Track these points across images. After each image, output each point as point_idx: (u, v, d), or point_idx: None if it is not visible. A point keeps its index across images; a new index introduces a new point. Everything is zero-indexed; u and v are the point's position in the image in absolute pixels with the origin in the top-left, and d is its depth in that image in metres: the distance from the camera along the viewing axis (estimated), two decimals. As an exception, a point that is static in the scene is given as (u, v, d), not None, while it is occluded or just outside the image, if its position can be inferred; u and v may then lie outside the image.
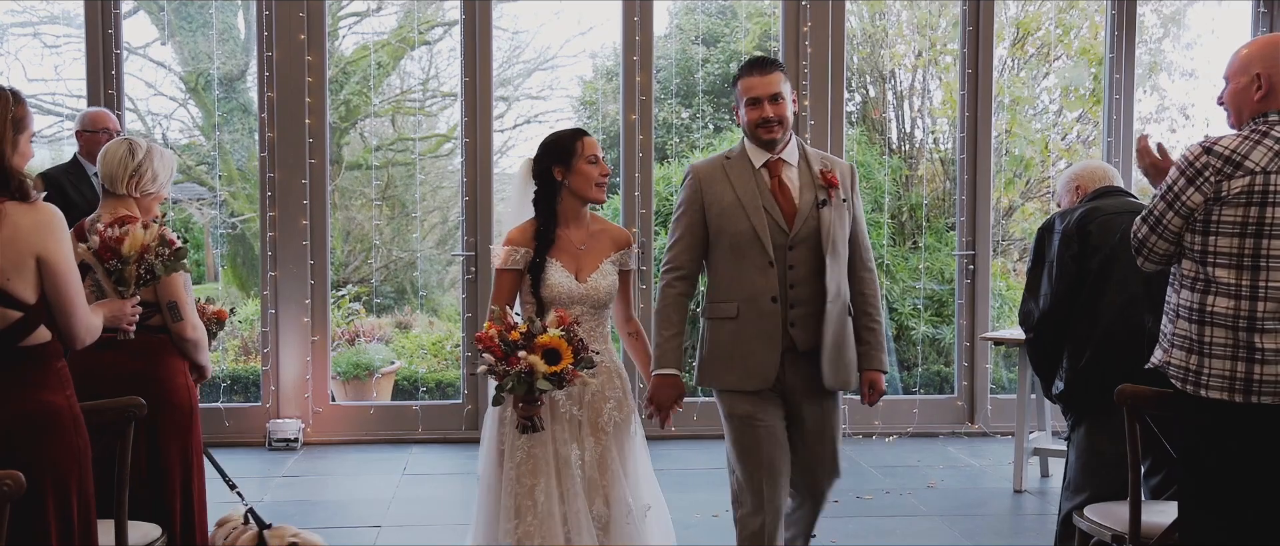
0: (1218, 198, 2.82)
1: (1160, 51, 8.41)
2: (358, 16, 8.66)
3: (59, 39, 7.95)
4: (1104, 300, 3.63)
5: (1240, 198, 2.79)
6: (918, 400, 7.11)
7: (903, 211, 8.01)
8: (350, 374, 7.48)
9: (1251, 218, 2.79)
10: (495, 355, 3.08)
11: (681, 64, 7.51)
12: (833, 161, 3.50)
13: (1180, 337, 2.93)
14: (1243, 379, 2.82)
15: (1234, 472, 2.88)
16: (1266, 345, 2.80)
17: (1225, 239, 2.82)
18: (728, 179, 3.41)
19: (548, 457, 3.27)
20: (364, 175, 8.30)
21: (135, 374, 3.36)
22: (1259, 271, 2.80)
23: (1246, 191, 2.79)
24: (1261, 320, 2.80)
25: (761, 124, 3.37)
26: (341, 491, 5.74)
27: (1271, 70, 2.86)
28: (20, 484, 2.43)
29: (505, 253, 3.33)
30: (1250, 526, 2.87)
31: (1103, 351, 3.60)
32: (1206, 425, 2.90)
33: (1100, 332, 3.61)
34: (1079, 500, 3.64)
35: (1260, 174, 2.78)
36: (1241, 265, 2.81)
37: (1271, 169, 2.78)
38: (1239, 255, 2.81)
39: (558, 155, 3.34)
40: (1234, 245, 2.81)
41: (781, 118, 3.37)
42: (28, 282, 2.69)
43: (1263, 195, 2.78)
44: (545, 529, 3.22)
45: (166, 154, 3.59)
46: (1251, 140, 2.83)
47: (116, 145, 3.53)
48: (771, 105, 3.36)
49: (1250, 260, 2.81)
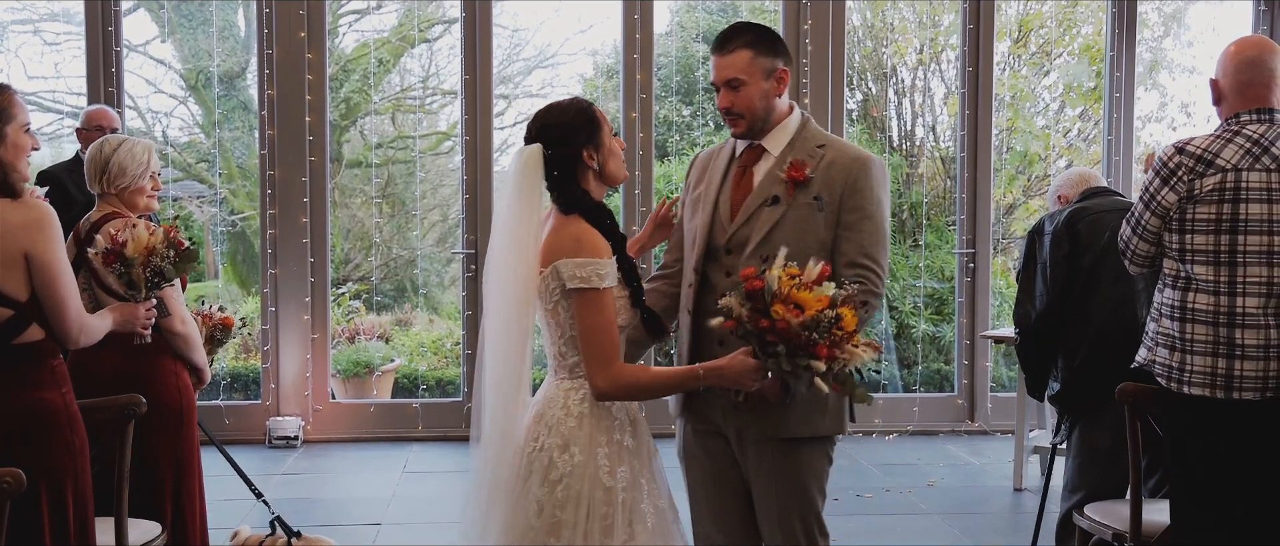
0: (1191, 196, 2.88)
1: (1161, 49, 8.40)
2: (358, 14, 8.65)
3: (59, 36, 7.95)
4: (1096, 298, 3.64)
5: (1213, 194, 2.86)
6: (918, 398, 7.11)
7: (903, 209, 8.01)
8: (350, 372, 7.48)
9: (1224, 214, 2.85)
10: (796, 339, 2.33)
11: (682, 62, 7.50)
12: (831, 151, 2.75)
13: (1163, 335, 2.98)
14: (1223, 375, 2.85)
15: (1219, 468, 2.90)
16: (1247, 340, 2.83)
17: (1201, 236, 2.88)
18: (707, 168, 2.92)
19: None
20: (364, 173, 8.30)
21: (123, 373, 3.32)
22: (1236, 267, 2.85)
23: (1218, 188, 2.85)
24: (1241, 315, 2.84)
25: (724, 115, 2.81)
26: (341, 489, 5.73)
27: (1224, 78, 2.97)
28: (20, 481, 2.42)
29: (605, 266, 2.48)
30: (1240, 522, 2.89)
31: (1096, 350, 3.61)
32: (1190, 422, 2.92)
33: (1093, 331, 3.62)
34: (1076, 499, 3.65)
35: (1231, 171, 2.85)
36: (1218, 261, 2.87)
37: (1242, 166, 2.85)
38: (1215, 251, 2.87)
39: (587, 133, 2.54)
40: (1210, 242, 2.87)
41: (742, 109, 2.73)
42: (18, 280, 2.68)
43: (1234, 192, 2.84)
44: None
45: (137, 146, 3.51)
46: (1223, 139, 2.91)
47: (93, 146, 3.52)
48: (728, 92, 2.74)
49: (1227, 256, 2.86)
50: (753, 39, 2.73)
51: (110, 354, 3.27)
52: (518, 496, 2.47)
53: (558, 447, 2.47)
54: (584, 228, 2.51)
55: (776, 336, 2.33)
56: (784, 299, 2.34)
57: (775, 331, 2.33)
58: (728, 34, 2.77)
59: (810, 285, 2.37)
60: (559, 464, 2.46)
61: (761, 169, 2.79)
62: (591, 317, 2.45)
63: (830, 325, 2.33)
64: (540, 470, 2.47)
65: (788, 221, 2.70)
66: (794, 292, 2.34)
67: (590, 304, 2.45)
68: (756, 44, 2.72)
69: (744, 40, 2.73)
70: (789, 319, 2.32)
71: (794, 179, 2.71)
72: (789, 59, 2.80)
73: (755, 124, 2.77)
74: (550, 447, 2.47)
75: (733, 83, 2.72)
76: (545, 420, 2.51)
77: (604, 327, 2.46)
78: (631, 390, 2.50)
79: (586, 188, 2.55)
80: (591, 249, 2.47)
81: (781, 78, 2.75)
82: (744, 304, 2.37)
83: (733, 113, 2.75)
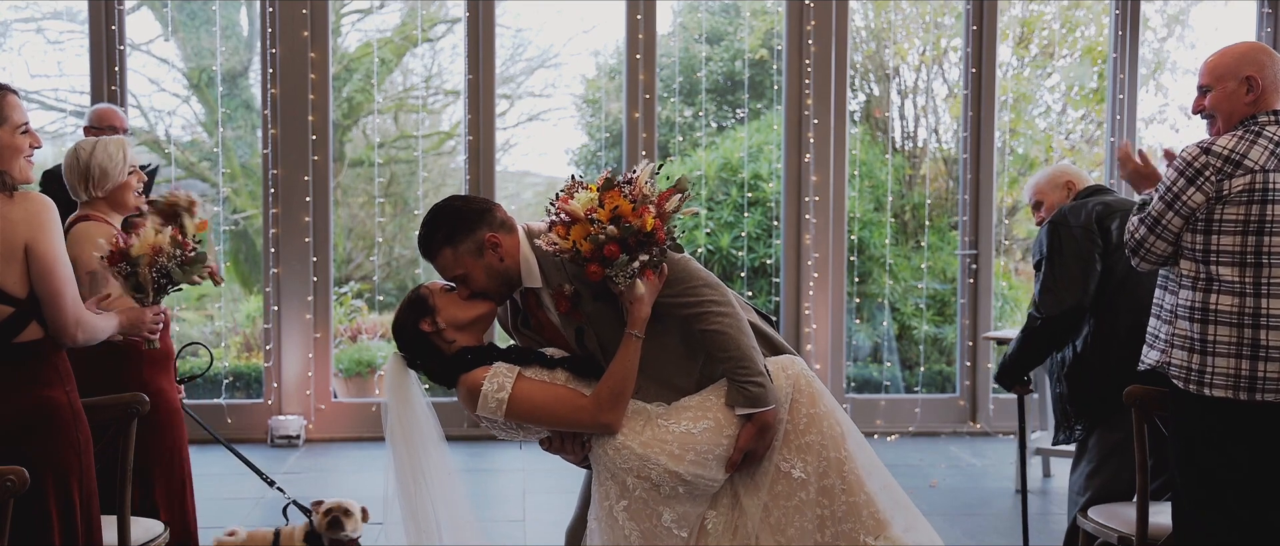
0: (1219, 196, 2.87)
1: (1164, 51, 8.39)
2: (361, 13, 8.65)
3: (62, 35, 7.94)
4: (1124, 298, 3.60)
5: (1242, 195, 2.85)
6: (919, 399, 7.11)
7: (905, 210, 8.00)
8: (352, 371, 7.47)
9: (1253, 215, 2.84)
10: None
11: (685, 62, 7.49)
12: (564, 253, 2.61)
13: (1180, 337, 2.96)
14: (1247, 377, 2.84)
15: (1234, 471, 2.89)
16: (1271, 341, 2.82)
17: (1228, 237, 2.86)
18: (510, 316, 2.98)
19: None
20: (366, 172, 8.29)
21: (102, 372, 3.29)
22: (1262, 268, 2.84)
23: (1248, 189, 2.84)
24: (1266, 317, 2.83)
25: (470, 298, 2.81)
26: (344, 488, 5.72)
27: (1261, 74, 2.94)
28: (24, 479, 2.42)
29: (493, 383, 2.71)
30: (1245, 525, 2.89)
31: (1128, 350, 3.54)
32: (1210, 424, 2.91)
33: (1125, 331, 3.58)
34: (1090, 492, 3.61)
35: (1260, 172, 2.84)
36: (1244, 262, 2.85)
37: (1269, 167, 2.85)
38: (1242, 252, 2.85)
39: (419, 310, 2.77)
40: (1237, 243, 2.85)
41: (479, 289, 2.73)
42: (17, 276, 2.66)
43: (1263, 193, 2.84)
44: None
45: (109, 143, 3.45)
46: (1247, 140, 2.90)
47: (67, 156, 3.48)
48: (464, 287, 2.75)
49: (1253, 257, 2.85)
50: (446, 234, 2.71)
51: (85, 351, 3.13)
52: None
53: (636, 475, 2.63)
54: (467, 378, 2.68)
55: (618, 234, 2.52)
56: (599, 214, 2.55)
57: (618, 232, 2.52)
58: (423, 240, 2.76)
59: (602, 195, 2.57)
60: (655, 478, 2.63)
61: (547, 309, 2.81)
62: (536, 409, 2.65)
63: (645, 200, 2.56)
64: (650, 501, 2.63)
65: (602, 326, 2.71)
66: (606, 201, 2.55)
67: (522, 405, 2.64)
68: (452, 236, 2.71)
69: (439, 244, 2.71)
70: (625, 214, 2.52)
71: (558, 304, 2.73)
72: (489, 220, 2.73)
73: (502, 291, 2.77)
74: (634, 487, 2.63)
75: (461, 279, 2.73)
76: (615, 474, 2.66)
77: (551, 402, 2.65)
78: (619, 399, 2.63)
79: (444, 348, 2.72)
80: (478, 386, 2.64)
81: (494, 244, 2.70)
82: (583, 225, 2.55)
83: (476, 295, 2.75)
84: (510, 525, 5.00)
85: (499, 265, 2.72)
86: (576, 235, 2.56)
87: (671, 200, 2.62)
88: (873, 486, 2.68)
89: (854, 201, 7.33)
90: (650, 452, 2.61)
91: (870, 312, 7.78)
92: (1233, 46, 3.07)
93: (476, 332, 2.77)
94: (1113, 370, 3.57)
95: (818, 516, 2.64)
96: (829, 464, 2.66)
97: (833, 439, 2.68)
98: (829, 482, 2.65)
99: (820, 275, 6.88)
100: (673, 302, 2.66)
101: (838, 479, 2.65)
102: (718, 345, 2.63)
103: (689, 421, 2.63)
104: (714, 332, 2.62)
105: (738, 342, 2.62)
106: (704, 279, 2.69)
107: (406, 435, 2.80)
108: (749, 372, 2.61)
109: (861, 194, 7.62)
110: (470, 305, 2.74)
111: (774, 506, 2.66)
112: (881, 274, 7.50)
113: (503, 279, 2.74)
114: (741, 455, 2.62)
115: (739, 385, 2.62)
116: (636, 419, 2.66)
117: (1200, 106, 3.08)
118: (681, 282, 2.67)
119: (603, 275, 2.56)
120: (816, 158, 6.85)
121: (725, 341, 2.62)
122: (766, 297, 7.17)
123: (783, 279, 6.95)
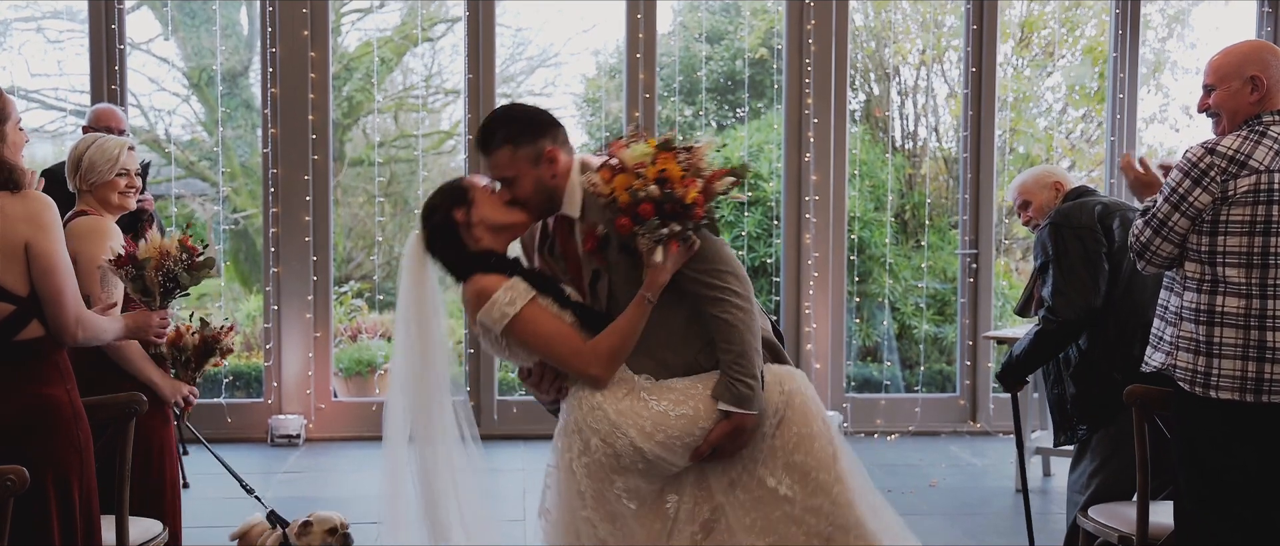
0: (1225, 197, 2.84)
1: (1164, 51, 8.38)
2: (361, 13, 8.64)
3: (62, 34, 7.94)
4: (1133, 299, 3.60)
5: (1248, 196, 2.82)
6: (919, 399, 7.10)
7: (906, 210, 8.00)
8: (352, 370, 7.47)
9: (1259, 216, 2.82)
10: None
11: (685, 61, 7.49)
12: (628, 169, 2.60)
13: (1185, 340, 2.93)
14: (1254, 378, 2.82)
15: (1239, 472, 2.88)
16: (1278, 343, 2.80)
17: (1234, 238, 2.84)
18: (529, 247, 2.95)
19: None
20: (366, 171, 8.28)
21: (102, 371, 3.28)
22: (1269, 268, 2.82)
23: (1253, 190, 2.82)
24: (1273, 318, 2.81)
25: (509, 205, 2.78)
26: (344, 488, 5.72)
27: (1265, 73, 2.93)
28: (24, 479, 2.42)
29: (504, 294, 2.70)
30: (1249, 526, 2.87)
31: (1134, 351, 3.53)
32: (1216, 427, 2.89)
33: (1130, 331, 3.57)
34: (1091, 491, 3.60)
35: (1265, 173, 2.82)
36: (1251, 263, 2.83)
37: (1275, 167, 2.82)
38: (1248, 253, 2.83)
39: (456, 194, 2.78)
40: (1243, 244, 2.83)
41: (522, 198, 2.70)
42: (18, 274, 2.67)
43: (1269, 193, 2.82)
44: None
45: (109, 142, 3.47)
46: (1251, 140, 2.87)
47: (73, 146, 3.51)
48: (508, 190, 2.71)
49: (1259, 258, 2.83)
50: (511, 133, 2.68)
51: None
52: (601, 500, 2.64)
53: (601, 438, 2.61)
54: (483, 279, 2.66)
55: (658, 195, 2.51)
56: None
57: (659, 194, 2.50)
58: (481, 132, 2.74)
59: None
60: (618, 448, 2.61)
61: (576, 240, 2.76)
62: (536, 337, 2.63)
63: (696, 172, 2.56)
64: (608, 466, 2.62)
65: (621, 293, 2.67)
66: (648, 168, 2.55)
67: (525, 327, 2.61)
68: (516, 136, 2.67)
69: (504, 136, 2.68)
70: (672, 177, 2.51)
71: (587, 245, 2.69)
72: (554, 134, 2.71)
73: (541, 208, 2.74)
74: (597, 449, 2.61)
75: (510, 181, 2.69)
76: (582, 430, 2.64)
77: (553, 335, 2.63)
78: (618, 355, 2.62)
79: (470, 244, 2.68)
80: (489, 292, 2.62)
81: (552, 158, 2.67)
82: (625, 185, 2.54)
83: (516, 202, 2.72)
84: (510, 525, 5.00)
85: (549, 181, 2.68)
86: (619, 184, 2.56)
87: (723, 181, 2.60)
88: (862, 509, 2.69)
89: (854, 201, 7.33)
90: (622, 422, 2.60)
91: (870, 312, 7.78)
92: (1238, 45, 3.05)
93: (503, 240, 2.73)
94: (1118, 370, 3.57)
95: (804, 533, 2.65)
96: (818, 485, 2.66)
97: (822, 461, 2.68)
98: (817, 503, 2.66)
99: (820, 274, 6.88)
100: (695, 278, 2.63)
101: (826, 500, 2.66)
102: (724, 335, 2.62)
103: (669, 404, 2.62)
104: (724, 321, 2.61)
105: (743, 339, 2.61)
106: (733, 268, 2.67)
107: (419, 314, 2.73)
108: (744, 371, 2.61)
109: (862, 193, 7.61)
110: (507, 211, 2.71)
111: (755, 510, 2.66)
112: (882, 273, 7.50)
113: (547, 195, 2.70)
114: (709, 449, 2.62)
115: (730, 380, 2.60)
116: (620, 386, 2.64)
117: (1205, 105, 3.07)
118: (710, 262, 2.64)
119: (630, 230, 2.55)
120: (817, 157, 6.85)
121: (732, 333, 2.61)
122: (767, 297, 7.17)
123: (783, 278, 6.95)
